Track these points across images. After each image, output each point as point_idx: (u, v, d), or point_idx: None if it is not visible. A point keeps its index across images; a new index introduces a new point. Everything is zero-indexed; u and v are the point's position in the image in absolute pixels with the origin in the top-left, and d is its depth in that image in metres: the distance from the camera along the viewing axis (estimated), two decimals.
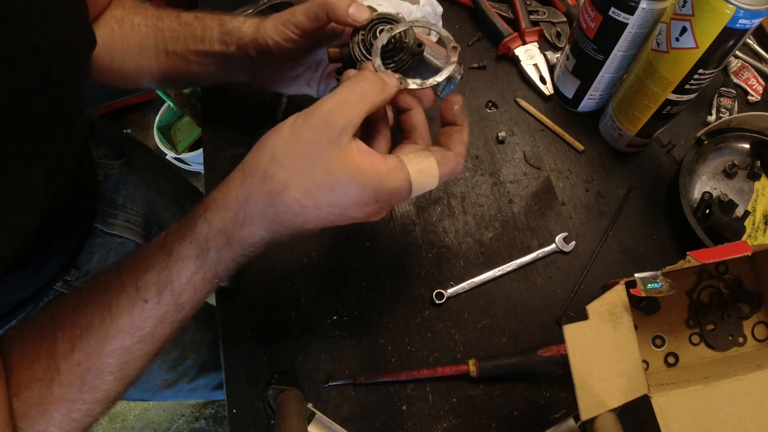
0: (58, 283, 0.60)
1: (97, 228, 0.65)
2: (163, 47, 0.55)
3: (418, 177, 0.38)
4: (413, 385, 0.55)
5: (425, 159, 0.39)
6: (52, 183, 0.42)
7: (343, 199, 0.36)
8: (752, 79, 0.73)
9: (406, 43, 0.44)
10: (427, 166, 0.39)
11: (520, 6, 0.74)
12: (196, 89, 1.65)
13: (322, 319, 0.58)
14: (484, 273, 0.60)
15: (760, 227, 0.62)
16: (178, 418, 1.53)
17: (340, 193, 0.36)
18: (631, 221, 0.64)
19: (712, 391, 0.40)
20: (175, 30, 0.54)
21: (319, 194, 0.35)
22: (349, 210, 0.36)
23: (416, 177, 0.38)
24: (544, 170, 0.67)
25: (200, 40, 0.54)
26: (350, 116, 0.35)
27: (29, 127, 0.38)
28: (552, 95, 0.71)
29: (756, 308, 0.53)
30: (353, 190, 0.36)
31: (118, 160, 0.71)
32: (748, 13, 0.46)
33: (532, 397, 0.55)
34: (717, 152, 0.66)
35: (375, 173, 0.36)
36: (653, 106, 0.59)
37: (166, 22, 0.55)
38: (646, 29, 0.57)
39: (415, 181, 0.38)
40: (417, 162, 0.39)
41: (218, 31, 0.53)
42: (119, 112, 1.86)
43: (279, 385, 0.50)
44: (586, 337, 0.41)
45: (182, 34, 0.54)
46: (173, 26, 0.55)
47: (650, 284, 0.41)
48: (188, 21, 0.54)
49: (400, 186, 0.37)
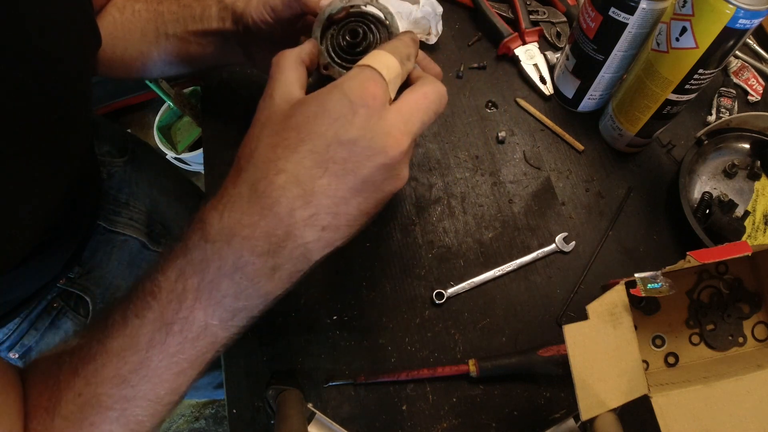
0: (61, 281, 0.60)
1: (101, 226, 0.65)
2: (163, 31, 0.55)
3: (367, 59, 0.34)
4: (413, 385, 0.55)
5: None
6: (58, 180, 0.42)
7: (313, 126, 0.31)
8: (752, 79, 0.73)
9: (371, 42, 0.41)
10: (374, 53, 0.35)
11: (520, 6, 0.74)
12: (196, 89, 1.66)
13: (322, 319, 0.58)
14: (484, 273, 0.60)
15: (760, 227, 0.62)
16: (178, 418, 1.53)
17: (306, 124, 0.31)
18: (631, 221, 0.64)
19: (712, 391, 0.40)
20: (175, 12, 0.55)
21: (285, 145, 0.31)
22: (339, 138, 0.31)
23: (366, 60, 0.34)
24: (544, 170, 0.67)
25: (199, 19, 0.54)
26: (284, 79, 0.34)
27: (37, 126, 0.38)
28: (552, 95, 0.71)
29: (756, 308, 0.53)
30: (314, 109, 0.31)
31: (122, 158, 0.71)
32: (748, 13, 0.46)
33: (532, 397, 0.55)
34: (717, 152, 0.66)
35: (328, 87, 0.32)
36: (653, 106, 0.59)
37: (166, 5, 0.55)
38: (646, 29, 0.57)
39: (370, 61, 0.33)
40: (366, 57, 0.35)
41: (216, 8, 0.53)
42: (119, 112, 1.86)
43: (279, 385, 0.50)
44: (586, 337, 0.41)
45: (182, 15, 0.54)
46: (173, 8, 0.55)
47: (650, 284, 0.41)
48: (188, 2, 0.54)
49: (357, 75, 0.32)
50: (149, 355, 0.32)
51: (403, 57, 0.35)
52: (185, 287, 0.32)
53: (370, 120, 0.31)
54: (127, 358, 0.32)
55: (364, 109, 0.31)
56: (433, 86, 0.35)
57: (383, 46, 0.36)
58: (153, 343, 0.32)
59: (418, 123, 0.34)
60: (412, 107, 0.33)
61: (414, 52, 0.37)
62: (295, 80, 0.34)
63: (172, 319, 0.32)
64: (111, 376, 0.32)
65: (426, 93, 0.34)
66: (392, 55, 0.34)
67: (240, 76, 0.72)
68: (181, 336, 0.32)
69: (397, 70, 0.34)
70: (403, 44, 0.36)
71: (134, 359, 0.32)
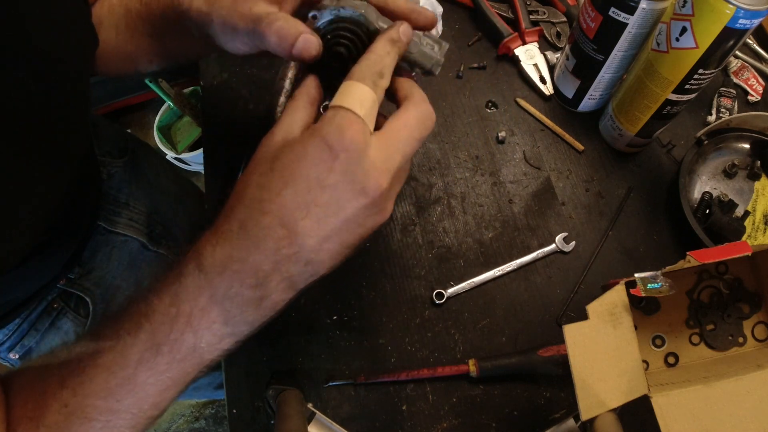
0: (61, 281, 0.60)
1: (101, 226, 0.65)
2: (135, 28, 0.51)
3: (339, 99, 0.34)
4: (413, 385, 0.55)
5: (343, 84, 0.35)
6: (58, 181, 0.42)
7: (295, 170, 0.32)
8: (752, 79, 0.73)
9: None
10: (340, 89, 0.35)
11: (520, 6, 0.74)
12: (196, 89, 1.66)
13: (322, 319, 0.58)
14: (484, 273, 0.60)
15: (760, 227, 0.62)
16: (178, 418, 1.53)
17: (289, 168, 0.32)
18: (631, 221, 0.64)
19: (712, 391, 0.40)
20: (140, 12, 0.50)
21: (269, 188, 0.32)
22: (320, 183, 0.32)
23: (338, 100, 0.34)
24: (544, 170, 0.67)
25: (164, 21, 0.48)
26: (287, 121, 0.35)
27: (37, 126, 0.38)
28: (552, 95, 0.71)
29: (756, 308, 0.53)
30: (297, 153, 0.32)
31: (122, 159, 0.71)
32: (748, 13, 0.46)
33: (532, 397, 0.55)
34: (717, 152, 0.66)
35: (308, 131, 0.33)
36: (653, 106, 0.59)
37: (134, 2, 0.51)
38: (646, 29, 0.57)
39: (342, 101, 0.33)
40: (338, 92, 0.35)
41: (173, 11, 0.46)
42: (119, 112, 1.86)
43: (279, 385, 0.50)
44: (586, 337, 0.41)
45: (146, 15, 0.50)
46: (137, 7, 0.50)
47: (650, 284, 0.41)
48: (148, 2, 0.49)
49: (333, 118, 0.33)
50: (137, 371, 0.33)
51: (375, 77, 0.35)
52: (178, 312, 0.33)
53: (349, 164, 0.32)
54: (116, 373, 0.33)
55: (344, 153, 0.32)
56: (416, 111, 0.36)
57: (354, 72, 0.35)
58: (142, 361, 0.33)
59: (399, 157, 0.34)
60: (393, 140, 0.34)
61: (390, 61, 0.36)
62: (298, 120, 0.35)
63: (163, 341, 0.33)
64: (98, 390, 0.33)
65: (407, 122, 0.35)
66: (363, 83, 0.34)
67: (240, 76, 0.72)
68: (169, 356, 0.34)
69: (371, 100, 0.34)
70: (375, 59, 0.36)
71: (122, 374, 0.33)
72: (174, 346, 0.34)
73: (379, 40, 0.37)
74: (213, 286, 0.33)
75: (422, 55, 0.42)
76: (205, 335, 0.34)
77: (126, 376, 0.34)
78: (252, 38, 0.38)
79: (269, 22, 0.36)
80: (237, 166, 0.48)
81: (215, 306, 0.33)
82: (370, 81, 0.35)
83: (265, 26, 0.36)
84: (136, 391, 0.34)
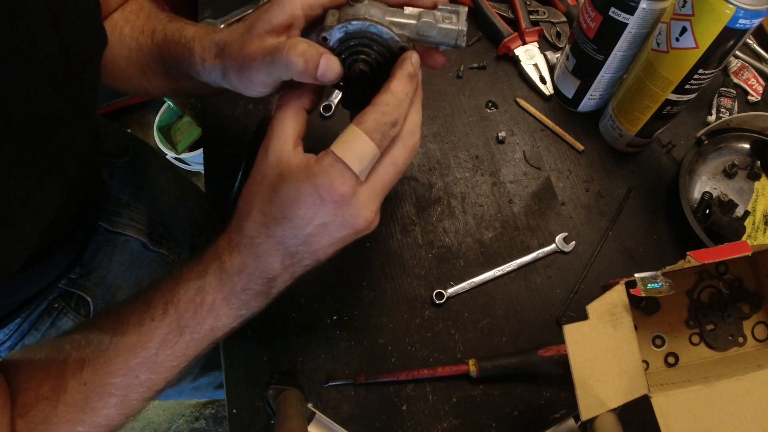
0: (62, 281, 0.60)
1: (102, 226, 0.65)
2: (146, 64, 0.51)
3: (342, 150, 0.35)
4: (413, 385, 0.55)
5: (346, 130, 0.36)
6: (63, 182, 0.42)
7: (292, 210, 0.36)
8: (752, 79, 0.73)
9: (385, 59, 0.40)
10: (348, 135, 0.36)
11: (520, 6, 0.74)
12: None
13: (322, 319, 0.58)
14: (484, 273, 0.60)
15: (760, 227, 0.62)
16: (178, 418, 1.53)
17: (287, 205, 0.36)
18: (631, 221, 0.64)
19: (712, 391, 0.40)
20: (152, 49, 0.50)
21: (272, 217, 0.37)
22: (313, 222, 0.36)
23: (341, 151, 0.35)
24: (544, 170, 0.67)
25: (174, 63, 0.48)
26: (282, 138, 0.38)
27: (44, 129, 0.38)
28: (552, 95, 0.71)
29: (756, 308, 0.53)
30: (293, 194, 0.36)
31: (123, 159, 0.71)
32: (748, 13, 0.46)
33: (532, 397, 0.55)
34: (717, 152, 0.66)
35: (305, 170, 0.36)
36: (653, 106, 0.59)
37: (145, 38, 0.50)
38: (646, 29, 0.57)
39: (343, 155, 0.35)
40: (339, 138, 0.36)
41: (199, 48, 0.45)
42: (119, 112, 1.86)
43: (279, 385, 0.50)
44: (586, 337, 0.41)
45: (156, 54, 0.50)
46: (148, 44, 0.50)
47: (650, 284, 0.41)
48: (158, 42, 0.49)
49: (329, 170, 0.35)
50: (159, 351, 0.38)
51: (386, 128, 0.36)
52: (203, 300, 0.39)
53: (338, 209, 0.36)
54: (138, 353, 0.38)
55: (331, 203, 0.36)
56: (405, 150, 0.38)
57: (365, 121, 0.36)
58: (165, 342, 0.38)
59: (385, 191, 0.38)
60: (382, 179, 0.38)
61: (408, 104, 0.37)
62: (289, 136, 0.38)
63: (187, 324, 0.39)
64: (119, 368, 0.37)
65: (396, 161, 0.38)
66: (370, 138, 0.36)
67: None
68: (190, 337, 0.39)
69: (371, 156, 0.36)
70: (390, 108, 0.36)
71: (144, 354, 0.38)
72: (196, 328, 0.39)
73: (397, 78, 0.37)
74: (233, 282, 0.39)
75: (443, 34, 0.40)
76: (222, 319, 0.39)
77: (147, 356, 0.38)
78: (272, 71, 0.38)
79: (291, 47, 0.36)
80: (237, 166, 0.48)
81: (234, 296, 0.39)
82: (379, 135, 0.36)
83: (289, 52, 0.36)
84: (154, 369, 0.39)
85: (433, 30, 0.40)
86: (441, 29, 0.40)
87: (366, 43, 0.39)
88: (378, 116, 0.36)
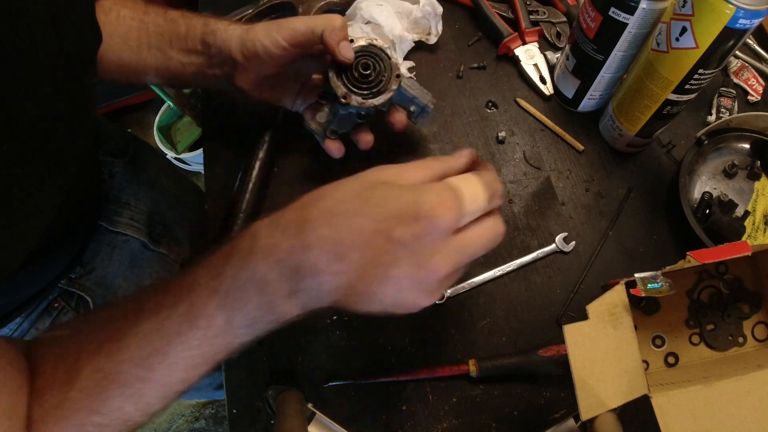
0: (62, 281, 0.60)
1: (102, 226, 0.65)
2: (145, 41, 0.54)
3: (459, 181, 0.36)
4: (413, 385, 0.55)
5: (460, 176, 0.37)
6: (63, 181, 0.42)
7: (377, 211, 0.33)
8: (752, 79, 0.73)
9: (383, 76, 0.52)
10: (464, 177, 0.37)
11: (520, 6, 0.74)
12: (196, 89, 1.66)
13: (322, 319, 0.58)
14: (484, 273, 0.60)
15: (760, 227, 0.62)
16: (178, 418, 1.53)
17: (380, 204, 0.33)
18: (631, 221, 0.64)
19: (712, 391, 0.40)
20: (160, 25, 0.54)
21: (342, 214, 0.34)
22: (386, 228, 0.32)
23: (458, 181, 0.35)
24: (544, 170, 0.67)
25: (183, 38, 0.53)
26: None
27: (44, 129, 0.38)
28: (552, 95, 0.71)
29: (756, 308, 0.53)
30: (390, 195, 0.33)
31: (122, 159, 0.71)
32: (748, 13, 0.46)
33: (532, 397, 0.55)
34: (717, 152, 0.66)
35: (411, 185, 0.35)
36: (653, 106, 0.59)
37: (152, 17, 0.55)
38: (646, 29, 0.57)
39: (460, 185, 0.35)
40: (465, 177, 0.37)
41: (201, 30, 0.53)
42: (119, 112, 1.86)
43: (279, 385, 0.50)
44: (586, 337, 0.41)
45: (166, 30, 0.54)
46: (158, 21, 0.54)
47: (650, 284, 0.41)
48: (173, 18, 0.54)
49: (441, 190, 0.34)
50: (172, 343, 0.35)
51: (496, 189, 0.37)
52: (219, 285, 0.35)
53: (425, 234, 0.33)
54: (153, 342, 0.35)
55: (426, 221, 0.32)
56: (495, 226, 0.38)
57: (485, 175, 0.37)
58: (178, 332, 0.35)
59: (466, 258, 0.35)
60: (473, 240, 0.36)
61: (500, 192, 0.39)
62: None
63: (199, 314, 0.35)
64: (133, 356, 0.35)
65: (485, 232, 0.37)
66: (486, 189, 0.36)
67: None
68: (203, 331, 0.35)
69: (481, 206, 0.36)
70: (498, 184, 0.38)
71: (158, 344, 0.35)
72: (208, 321, 0.35)
73: None
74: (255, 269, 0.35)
75: (420, 93, 0.55)
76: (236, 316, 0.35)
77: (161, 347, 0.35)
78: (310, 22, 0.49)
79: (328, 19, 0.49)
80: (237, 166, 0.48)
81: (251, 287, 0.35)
82: (491, 191, 0.37)
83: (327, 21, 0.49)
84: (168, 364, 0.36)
85: (415, 88, 0.55)
86: (420, 90, 0.56)
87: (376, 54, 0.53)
88: (491, 178, 0.37)
